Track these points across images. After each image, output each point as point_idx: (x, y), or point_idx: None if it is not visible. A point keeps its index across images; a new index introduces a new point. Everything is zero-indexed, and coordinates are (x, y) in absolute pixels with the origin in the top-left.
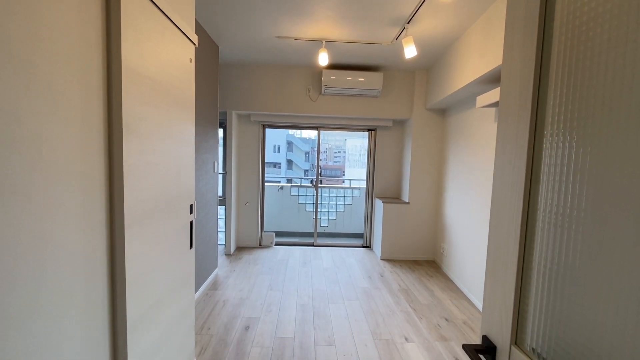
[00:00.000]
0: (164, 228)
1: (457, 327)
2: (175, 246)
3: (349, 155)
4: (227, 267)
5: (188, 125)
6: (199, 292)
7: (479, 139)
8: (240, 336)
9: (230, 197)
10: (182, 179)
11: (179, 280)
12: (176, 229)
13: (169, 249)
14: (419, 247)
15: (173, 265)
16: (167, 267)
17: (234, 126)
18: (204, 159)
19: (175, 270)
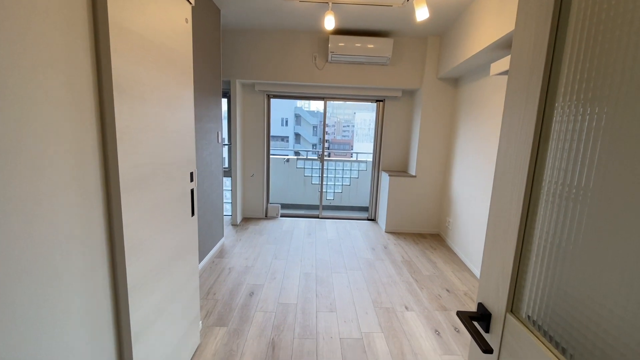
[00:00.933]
0: (163, 195)
1: (458, 298)
2: (176, 213)
3: (358, 129)
4: (233, 236)
5: (186, 89)
6: (205, 260)
7: (491, 110)
8: (244, 301)
9: (236, 168)
10: (182, 145)
11: (181, 246)
12: (176, 196)
13: (169, 216)
14: (424, 221)
15: (174, 232)
16: (168, 234)
17: (239, 96)
18: (207, 129)
19: (177, 237)
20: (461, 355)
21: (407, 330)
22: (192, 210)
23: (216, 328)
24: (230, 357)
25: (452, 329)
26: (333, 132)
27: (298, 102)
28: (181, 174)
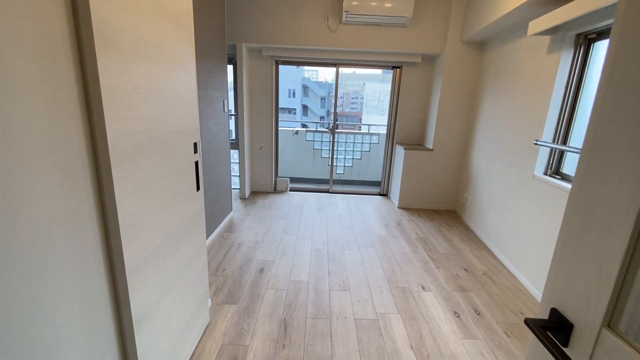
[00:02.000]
0: (163, 167)
1: (477, 278)
2: (179, 188)
3: (367, 101)
4: (242, 210)
5: (187, 47)
6: (214, 234)
7: (525, 76)
8: (255, 278)
9: (244, 140)
10: (183, 112)
11: (186, 223)
12: (178, 169)
13: (171, 191)
14: (439, 197)
15: (178, 208)
16: (171, 210)
17: (245, 62)
18: (212, 97)
19: (181, 213)
20: (483, 340)
21: (424, 312)
22: (197, 184)
23: (226, 306)
24: (241, 337)
25: (473, 311)
26: (341, 104)
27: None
28: (183, 144)
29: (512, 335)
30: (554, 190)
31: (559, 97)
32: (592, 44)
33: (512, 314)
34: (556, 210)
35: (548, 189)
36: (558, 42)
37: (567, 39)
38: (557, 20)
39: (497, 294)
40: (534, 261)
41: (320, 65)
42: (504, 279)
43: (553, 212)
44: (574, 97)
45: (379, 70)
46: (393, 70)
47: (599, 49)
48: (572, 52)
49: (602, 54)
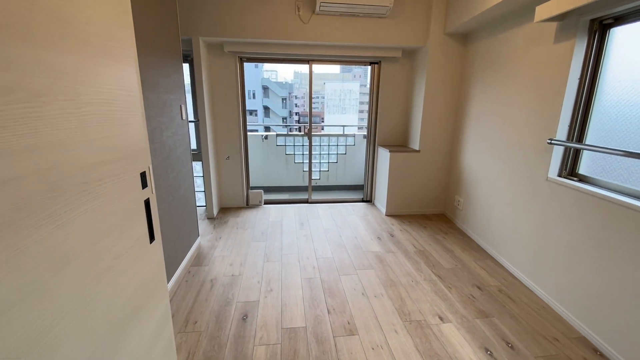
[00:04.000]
0: (84, 228)
1: (494, 297)
2: (117, 250)
3: (328, 100)
4: (211, 234)
5: (121, 29)
6: (178, 272)
7: (528, 69)
8: (237, 331)
9: (207, 150)
10: (118, 127)
11: (134, 301)
12: (116, 221)
13: (103, 262)
14: (428, 200)
15: (117, 283)
16: (105, 292)
17: (204, 60)
18: (166, 101)
19: (125, 288)
20: None
21: (452, 354)
22: (150, 233)
23: None
24: None
25: (504, 344)
26: (302, 103)
27: (265, 72)
28: (122, 179)
29: None
30: (572, 194)
31: (572, 90)
32: (607, 31)
33: (546, 342)
34: (576, 216)
35: (565, 192)
36: (569, 29)
37: (580, 25)
38: (573, 3)
39: (522, 316)
40: (553, 273)
41: (291, 62)
42: (522, 296)
43: (572, 218)
44: (589, 90)
45: (338, 69)
46: (371, 66)
47: (616, 35)
48: (585, 40)
49: (619, 41)
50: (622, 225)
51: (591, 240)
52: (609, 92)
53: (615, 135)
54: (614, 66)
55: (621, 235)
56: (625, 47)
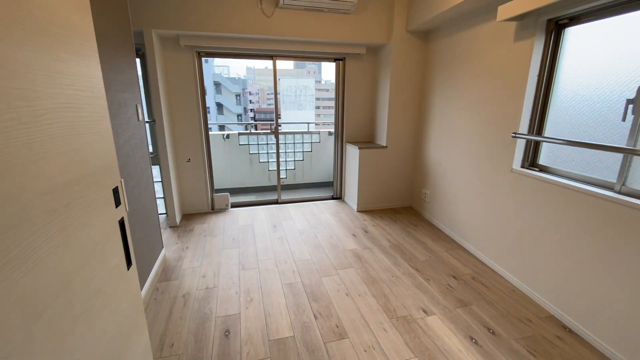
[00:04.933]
0: (50, 268)
1: (469, 285)
2: (92, 285)
3: (284, 97)
4: (176, 244)
5: (77, 13)
6: (145, 289)
7: (490, 66)
8: (220, 349)
9: (166, 153)
10: (88, 137)
11: (120, 336)
12: (89, 250)
13: (76, 302)
14: (396, 194)
15: (96, 327)
16: (80, 341)
17: (158, 54)
18: (120, 101)
19: (106, 329)
20: None
21: (441, 347)
22: (127, 257)
23: None
24: None
25: (486, 330)
26: (257, 100)
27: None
28: (94, 199)
29: (537, 354)
30: (533, 183)
31: (532, 86)
32: (562, 30)
33: (522, 324)
34: (538, 203)
35: (528, 182)
36: (528, 29)
37: (539, 25)
38: (535, 4)
39: (497, 302)
40: (520, 258)
41: (254, 57)
42: (494, 282)
43: (535, 205)
44: (547, 86)
45: (291, 65)
46: (336, 63)
47: (570, 35)
48: (543, 39)
49: (573, 41)
50: (579, 209)
51: (553, 225)
52: (564, 88)
53: (569, 127)
54: (568, 63)
55: (579, 218)
56: (577, 46)
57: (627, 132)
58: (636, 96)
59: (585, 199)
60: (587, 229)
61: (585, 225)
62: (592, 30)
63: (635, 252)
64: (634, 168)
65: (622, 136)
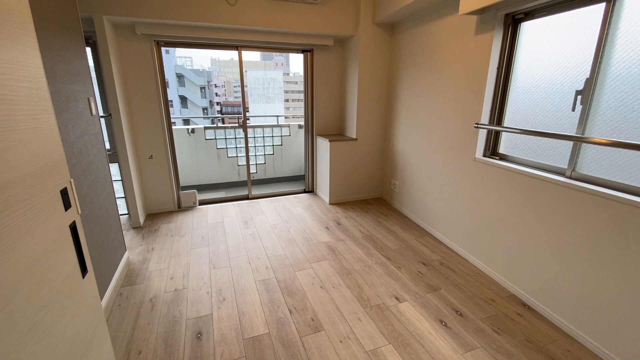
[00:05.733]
0: None
1: (438, 271)
2: (40, 298)
3: (252, 89)
4: (140, 246)
5: None
6: (108, 295)
7: (453, 59)
8: (193, 352)
9: (125, 149)
10: (26, 133)
11: (77, 349)
12: (33, 260)
13: (21, 318)
14: (366, 186)
15: (47, 342)
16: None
17: (111, 43)
18: (69, 93)
19: (60, 344)
20: (481, 347)
21: (413, 331)
22: (81, 264)
23: None
24: None
25: (455, 313)
26: (224, 93)
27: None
28: (38, 202)
29: (500, 331)
30: (494, 171)
31: (492, 78)
32: (519, 25)
33: (486, 305)
34: (499, 189)
35: (489, 170)
36: (488, 22)
37: (497, 19)
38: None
39: (463, 285)
40: (483, 242)
41: (217, 48)
42: (460, 266)
43: (496, 192)
44: (506, 78)
45: (258, 57)
46: (304, 54)
47: (526, 29)
48: (501, 33)
49: (528, 35)
50: (535, 194)
51: (512, 209)
52: (520, 80)
53: (525, 117)
54: (524, 56)
55: (535, 202)
56: (532, 40)
57: (576, 121)
58: (584, 87)
59: (540, 185)
60: (542, 213)
61: (540, 209)
62: (545, 25)
63: (584, 232)
64: (583, 154)
65: (572, 125)
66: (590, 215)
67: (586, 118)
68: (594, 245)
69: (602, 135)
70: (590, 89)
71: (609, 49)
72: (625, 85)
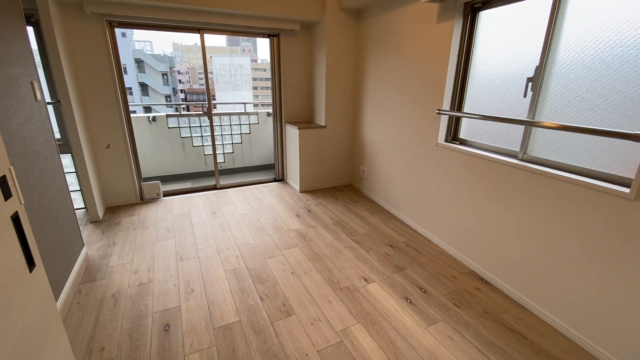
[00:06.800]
0: None
1: (404, 252)
2: None
3: (218, 76)
4: (100, 240)
5: None
6: (65, 294)
7: (417, 46)
8: (160, 345)
9: (78, 139)
10: None
11: (24, 349)
12: None
13: None
14: (336, 173)
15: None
16: None
17: (57, 23)
18: (9, 76)
19: (4, 345)
20: (443, 321)
21: (381, 310)
22: (27, 257)
23: None
24: None
25: (419, 290)
26: (188, 80)
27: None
28: None
29: (460, 305)
30: (455, 155)
31: (453, 65)
32: (477, 13)
33: (448, 281)
34: (459, 173)
35: (451, 154)
36: (449, 11)
37: (457, 7)
38: None
39: (427, 264)
40: (444, 222)
41: (177, 30)
42: (424, 247)
43: (456, 175)
44: (465, 65)
45: (224, 42)
46: (270, 39)
47: (483, 18)
48: (461, 21)
49: (486, 24)
50: (491, 175)
51: (471, 191)
52: (479, 67)
53: (483, 103)
54: (482, 44)
55: (491, 183)
56: (489, 28)
57: (527, 107)
58: (534, 75)
59: (495, 167)
60: (497, 193)
61: (496, 190)
62: (501, 15)
63: (533, 210)
64: (533, 138)
65: (524, 110)
66: (538, 194)
67: (536, 104)
68: (541, 221)
69: (550, 119)
70: (539, 76)
71: (556, 38)
72: (570, 72)
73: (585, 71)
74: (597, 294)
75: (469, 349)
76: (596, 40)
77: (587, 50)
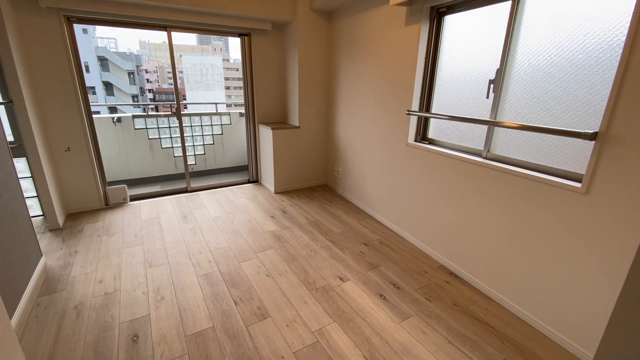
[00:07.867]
0: None
1: (378, 250)
2: None
3: (189, 75)
4: (60, 249)
5: None
6: (21, 308)
7: (386, 48)
8: (128, 356)
9: (33, 141)
10: None
11: None
12: None
13: None
14: (311, 173)
15: None
16: None
17: (7, 16)
18: None
19: None
20: (416, 315)
21: (355, 307)
22: None
23: None
24: None
25: (392, 286)
26: (156, 79)
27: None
28: None
29: (432, 298)
30: (424, 154)
31: (421, 68)
32: (443, 17)
33: (420, 276)
34: (428, 171)
35: (420, 154)
36: (416, 14)
37: (424, 11)
38: None
39: (400, 261)
40: (416, 220)
41: (143, 27)
42: (397, 244)
43: (426, 173)
44: (432, 67)
45: (194, 41)
46: (241, 38)
47: (448, 22)
48: (428, 25)
49: (451, 28)
50: (458, 173)
51: (439, 189)
52: (445, 69)
53: (449, 104)
54: (447, 47)
55: (458, 181)
56: (454, 32)
57: (490, 107)
58: (495, 77)
59: (462, 165)
60: (463, 190)
61: (462, 187)
62: (464, 19)
63: (498, 205)
64: (495, 137)
65: (487, 111)
66: (501, 190)
67: (497, 104)
68: (505, 216)
69: (510, 119)
70: (500, 79)
71: (514, 42)
72: (527, 74)
73: (541, 74)
74: (558, 283)
75: (440, 341)
76: (550, 45)
77: (542, 54)
